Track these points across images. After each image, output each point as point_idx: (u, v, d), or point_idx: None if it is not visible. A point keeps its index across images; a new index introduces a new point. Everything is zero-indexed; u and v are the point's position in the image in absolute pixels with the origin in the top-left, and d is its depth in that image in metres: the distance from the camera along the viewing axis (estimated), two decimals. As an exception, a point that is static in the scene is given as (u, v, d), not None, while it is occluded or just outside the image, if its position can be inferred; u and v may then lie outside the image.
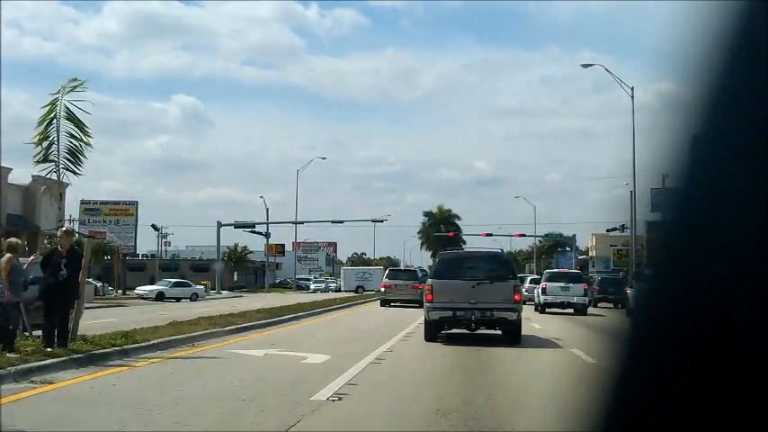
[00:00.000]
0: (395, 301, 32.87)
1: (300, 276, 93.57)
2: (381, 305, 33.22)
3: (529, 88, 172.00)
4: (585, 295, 30.01)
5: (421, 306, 20.88)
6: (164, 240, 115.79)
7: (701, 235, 0.84)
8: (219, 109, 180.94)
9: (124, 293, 56.14)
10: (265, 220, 69.09)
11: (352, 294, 50.67)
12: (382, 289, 33.98)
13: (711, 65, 0.85)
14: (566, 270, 45.48)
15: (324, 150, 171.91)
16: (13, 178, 52.55)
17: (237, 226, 64.78)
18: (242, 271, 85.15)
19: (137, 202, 58.89)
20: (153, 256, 60.88)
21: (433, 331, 16.41)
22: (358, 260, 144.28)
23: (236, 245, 79.34)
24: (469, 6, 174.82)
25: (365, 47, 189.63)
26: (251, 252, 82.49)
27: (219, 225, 61.58)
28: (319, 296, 49.31)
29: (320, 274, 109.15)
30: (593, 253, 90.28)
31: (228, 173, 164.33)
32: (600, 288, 39.20)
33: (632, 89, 44.56)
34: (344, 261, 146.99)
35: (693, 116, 0.87)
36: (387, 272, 36.15)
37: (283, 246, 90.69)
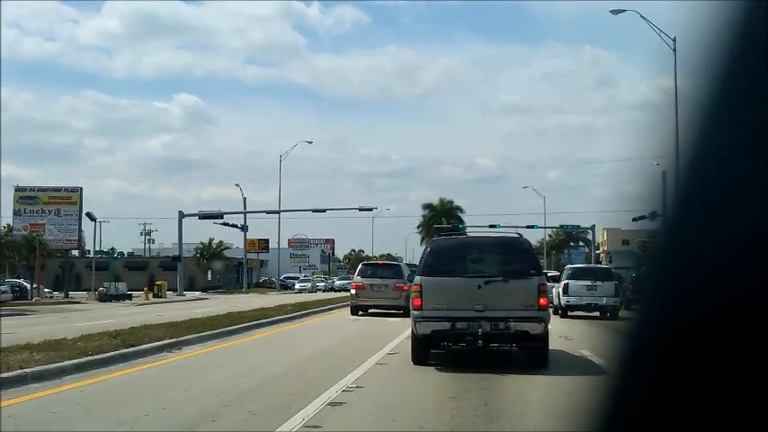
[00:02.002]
0: (371, 306, 24.10)
1: (290, 275, 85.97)
2: (352, 313, 24.39)
3: (531, 84, 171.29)
4: (617, 295, 24.14)
5: (407, 314, 13.59)
6: (147, 237, 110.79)
7: (703, 232, 0.84)
8: (222, 107, 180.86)
9: (66, 296, 48.13)
10: (242, 213, 60.47)
11: (325, 297, 41.09)
12: (353, 291, 25.08)
13: (713, 61, 0.86)
14: (591, 265, 38.81)
15: (327, 148, 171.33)
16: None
17: (203, 216, 56.00)
18: (221, 270, 76.54)
19: (80, 188, 50.23)
20: (88, 252, 52.01)
21: (424, 351, 11.69)
22: (355, 257, 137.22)
23: (210, 240, 70.78)
24: (470, 2, 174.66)
25: (367, 44, 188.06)
26: (228, 248, 73.93)
27: (181, 215, 52.83)
28: (298, 298, 40.89)
29: (313, 273, 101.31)
30: (604, 248, 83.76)
31: (231, 171, 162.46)
32: (635, 287, 31.53)
33: (674, 40, 36.90)
34: (342, 258, 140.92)
35: (696, 112, 0.87)
36: (359, 267, 27.12)
37: (267, 241, 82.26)
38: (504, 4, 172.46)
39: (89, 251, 63.98)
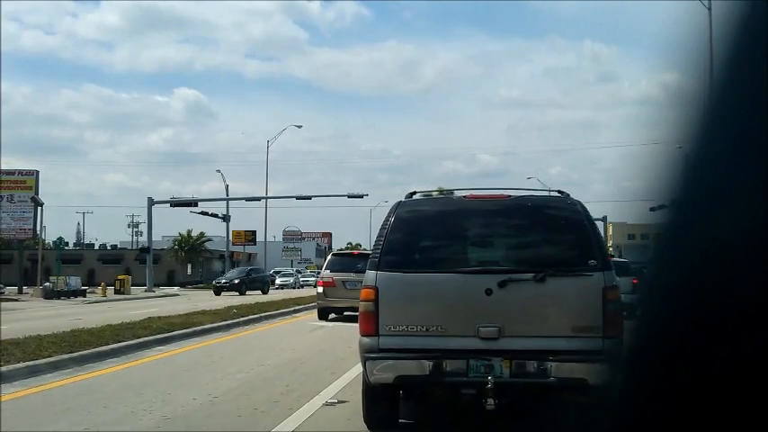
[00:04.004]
0: (344, 309, 18.48)
1: (280, 269, 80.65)
2: (320, 317, 18.92)
3: (532, 80, 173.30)
4: (635, 293, 18.82)
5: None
6: (135, 230, 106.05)
7: (704, 232, 0.82)
8: (223, 102, 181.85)
9: (21, 292, 42.87)
10: (220, 200, 54.84)
11: (303, 294, 35.11)
12: (319, 288, 19.38)
13: (716, 58, 0.84)
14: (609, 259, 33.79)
15: (328, 143, 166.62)
16: None
17: (175, 204, 50.47)
18: (203, 262, 70.97)
19: (37, 171, 44.81)
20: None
21: (382, 407, 6.31)
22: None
23: (189, 231, 65.11)
24: None
25: (368, 39, 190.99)
26: (210, 240, 68.31)
27: (151, 202, 47.31)
28: (276, 295, 35.39)
29: (307, 267, 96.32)
30: (609, 242, 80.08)
31: (232, 165, 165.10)
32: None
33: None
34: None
35: (698, 109, 0.85)
36: (328, 258, 21.28)
37: (254, 232, 76.68)
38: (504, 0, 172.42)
39: (61, 240, 58.64)
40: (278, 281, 60.35)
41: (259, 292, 41.83)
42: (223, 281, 44.12)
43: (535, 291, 5.75)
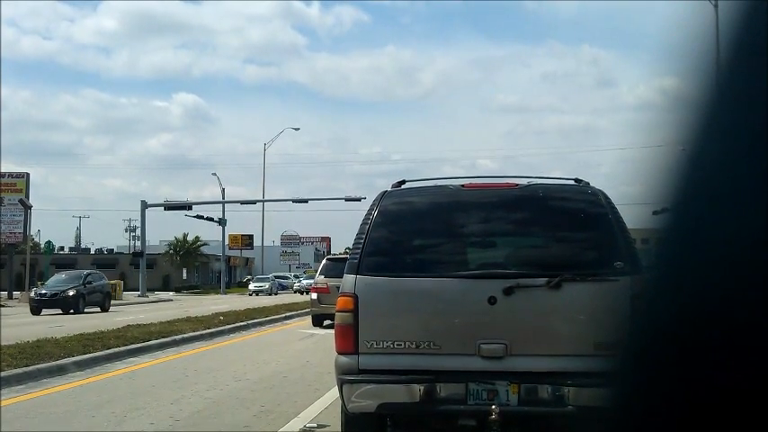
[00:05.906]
0: (337, 316, 17.49)
1: (278, 274, 79.60)
2: (314, 324, 17.79)
3: (530, 84, 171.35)
4: None
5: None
6: (132, 234, 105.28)
7: (707, 235, 0.80)
8: (222, 107, 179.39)
9: (10, 297, 41.94)
10: (214, 203, 53.78)
11: (293, 299, 33.72)
12: (313, 295, 18.23)
13: (715, 61, 0.85)
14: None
15: (327, 148, 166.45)
16: None
17: (168, 207, 49.42)
18: (199, 268, 69.83)
19: (27, 174, 43.84)
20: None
21: None
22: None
23: (184, 235, 63.99)
24: (469, 2, 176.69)
25: (367, 44, 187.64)
26: (206, 244, 67.22)
27: (144, 206, 46.28)
28: (262, 301, 34.33)
29: (305, 271, 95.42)
30: None
31: (232, 170, 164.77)
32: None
33: (718, -9, 32.81)
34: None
35: (697, 113, 0.85)
36: (323, 263, 20.04)
37: (251, 236, 75.67)
38: (503, 4, 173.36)
39: (50, 245, 57.71)
40: (251, 286, 55.35)
41: (98, 309, 29.34)
42: (44, 291, 28.75)
43: (548, 299, 4.74)
